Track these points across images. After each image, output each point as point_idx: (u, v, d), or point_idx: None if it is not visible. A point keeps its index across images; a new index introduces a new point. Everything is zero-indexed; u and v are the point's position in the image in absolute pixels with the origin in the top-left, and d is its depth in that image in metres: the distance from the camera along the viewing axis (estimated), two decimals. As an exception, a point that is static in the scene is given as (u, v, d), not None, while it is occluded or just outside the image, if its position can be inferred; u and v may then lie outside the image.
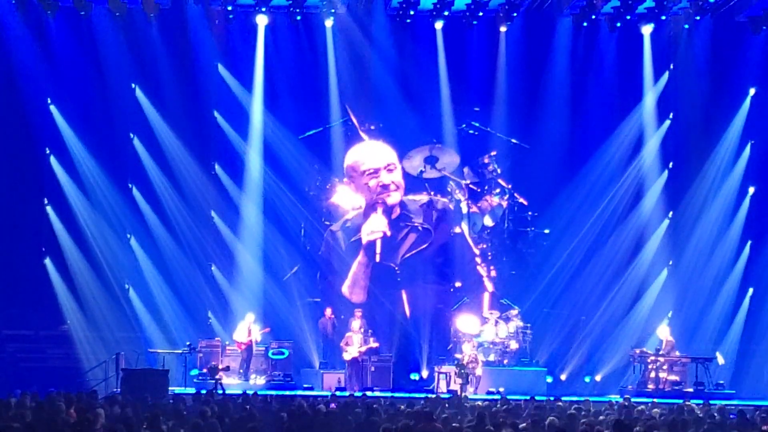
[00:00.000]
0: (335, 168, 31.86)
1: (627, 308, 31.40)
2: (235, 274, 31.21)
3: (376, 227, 31.42)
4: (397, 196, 31.66)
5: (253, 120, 31.44)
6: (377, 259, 31.38)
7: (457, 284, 31.69)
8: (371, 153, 31.83)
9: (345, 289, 31.56)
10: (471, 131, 32.06)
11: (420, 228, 31.81)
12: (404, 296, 31.50)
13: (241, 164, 31.44)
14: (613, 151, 31.80)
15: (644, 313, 31.35)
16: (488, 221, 32.29)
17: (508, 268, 31.97)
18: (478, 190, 32.12)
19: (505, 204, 32.16)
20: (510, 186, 32.10)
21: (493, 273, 31.92)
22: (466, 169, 32.08)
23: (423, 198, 31.99)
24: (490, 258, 32.02)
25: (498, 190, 32.19)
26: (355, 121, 31.77)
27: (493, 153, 32.03)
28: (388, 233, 31.44)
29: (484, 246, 32.15)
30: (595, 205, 31.79)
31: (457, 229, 31.82)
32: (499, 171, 32.09)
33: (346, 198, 31.82)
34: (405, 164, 32.00)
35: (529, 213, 31.98)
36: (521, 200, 32.05)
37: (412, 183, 32.05)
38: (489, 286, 31.63)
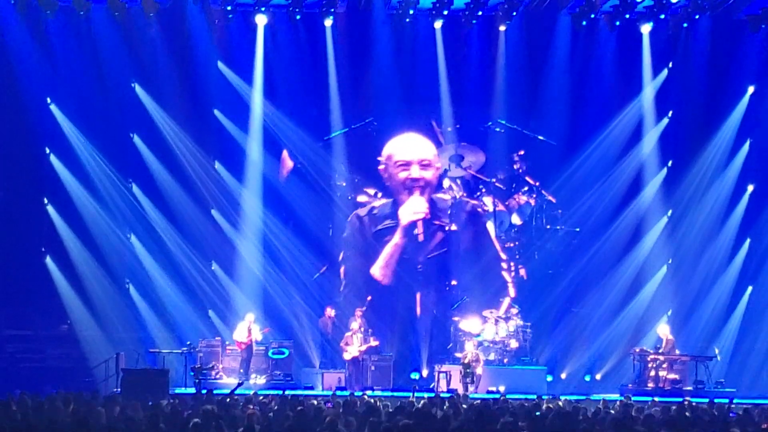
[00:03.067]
0: (359, 168, 31.97)
1: (627, 307, 31.40)
2: (236, 273, 31.23)
3: (418, 208, 31.48)
4: (427, 196, 31.64)
5: (254, 117, 31.45)
6: (421, 238, 31.39)
7: (453, 282, 31.69)
8: (408, 145, 31.91)
9: (376, 270, 31.60)
10: (498, 129, 32.05)
11: (447, 229, 31.78)
12: (418, 297, 31.52)
13: (242, 161, 31.47)
14: (611, 151, 31.80)
15: (644, 311, 31.36)
16: (516, 220, 32.25)
17: (539, 267, 31.93)
18: (504, 188, 32.11)
19: (533, 202, 32.14)
20: (537, 183, 32.08)
21: (522, 272, 31.91)
22: (501, 175, 32.13)
23: (452, 199, 31.99)
24: (518, 257, 32.01)
25: (526, 188, 32.17)
26: (438, 133, 31.88)
27: (521, 152, 32.03)
28: (428, 216, 31.45)
29: (512, 245, 32.13)
30: (593, 204, 31.83)
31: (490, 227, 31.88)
32: (525, 169, 32.07)
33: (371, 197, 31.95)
34: None
35: (559, 211, 31.98)
36: (549, 197, 32.02)
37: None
38: (512, 291, 31.60)
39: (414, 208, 31.49)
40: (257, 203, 31.46)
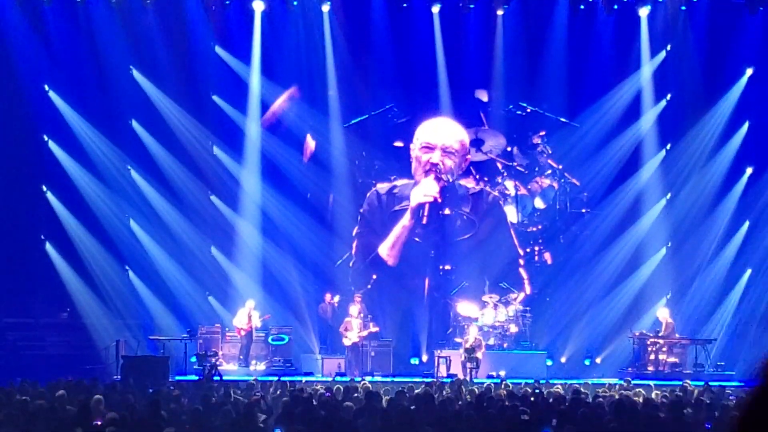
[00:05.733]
0: (381, 155, 32.06)
1: (626, 290, 31.41)
2: (236, 258, 31.25)
3: (428, 191, 31.31)
4: (441, 182, 31.56)
5: (252, 98, 31.43)
6: (424, 221, 31.27)
7: (447, 267, 31.65)
8: (437, 129, 31.78)
9: (383, 249, 31.60)
10: (519, 112, 32.00)
11: (465, 218, 31.72)
12: (426, 283, 31.51)
13: (241, 144, 31.48)
14: (609, 135, 31.79)
15: (643, 294, 31.37)
16: (539, 203, 32.16)
17: (563, 251, 31.89)
18: (526, 172, 32.05)
19: (556, 185, 32.08)
20: (561, 166, 32.02)
21: (546, 256, 31.86)
22: (515, 149, 32.01)
23: (475, 187, 31.91)
24: (541, 242, 31.97)
25: (549, 171, 32.09)
26: (483, 116, 31.88)
27: (542, 133, 31.99)
28: (439, 199, 31.39)
29: (535, 229, 32.07)
30: (592, 189, 31.89)
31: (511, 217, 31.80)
32: (549, 151, 32.00)
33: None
34: None
35: (585, 194, 31.91)
36: (573, 180, 31.95)
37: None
38: (527, 289, 31.56)
39: (424, 191, 31.41)
40: (257, 187, 31.48)
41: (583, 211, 31.90)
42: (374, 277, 30.89)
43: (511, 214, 32.01)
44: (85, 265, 30.44)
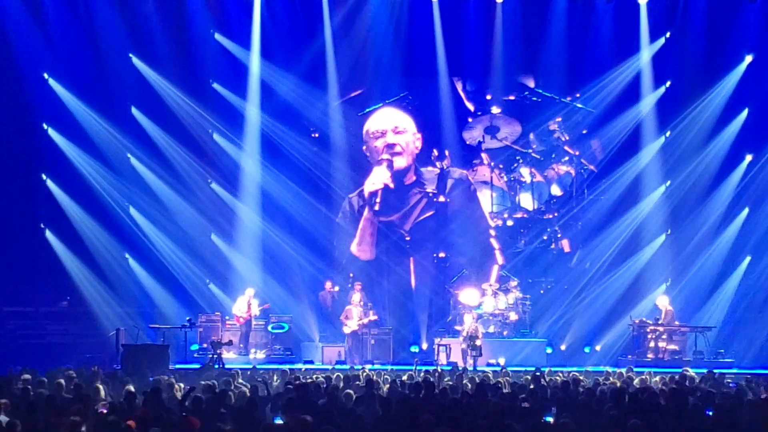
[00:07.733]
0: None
1: (626, 278, 31.41)
2: (236, 246, 31.26)
3: (377, 179, 31.59)
4: (401, 161, 31.67)
5: (252, 82, 31.41)
6: (376, 208, 31.50)
7: (441, 254, 31.69)
8: (381, 117, 32.08)
9: (353, 247, 31.79)
10: (534, 98, 31.96)
11: (431, 195, 31.83)
12: (411, 264, 31.56)
13: (241, 129, 31.46)
14: (609, 124, 31.79)
15: (642, 282, 31.37)
16: (556, 190, 32.10)
17: (581, 237, 31.87)
18: (541, 158, 32.02)
19: (573, 172, 32.04)
20: (577, 153, 31.97)
21: (564, 243, 31.82)
22: (532, 136, 31.98)
23: (437, 168, 31.94)
24: (557, 229, 31.94)
25: (566, 158, 32.04)
26: (463, 95, 31.89)
27: (559, 119, 31.95)
28: (391, 185, 31.51)
29: (552, 216, 32.03)
30: (591, 179, 31.93)
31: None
32: (566, 137, 31.96)
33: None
34: (465, 135, 32.09)
35: (604, 181, 31.89)
36: (590, 167, 31.90)
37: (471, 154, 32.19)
38: (499, 259, 31.61)
39: (373, 179, 31.67)
40: (257, 173, 31.50)
41: (602, 198, 31.87)
42: (351, 275, 30.91)
43: (527, 201, 32.01)
44: (86, 253, 30.43)
